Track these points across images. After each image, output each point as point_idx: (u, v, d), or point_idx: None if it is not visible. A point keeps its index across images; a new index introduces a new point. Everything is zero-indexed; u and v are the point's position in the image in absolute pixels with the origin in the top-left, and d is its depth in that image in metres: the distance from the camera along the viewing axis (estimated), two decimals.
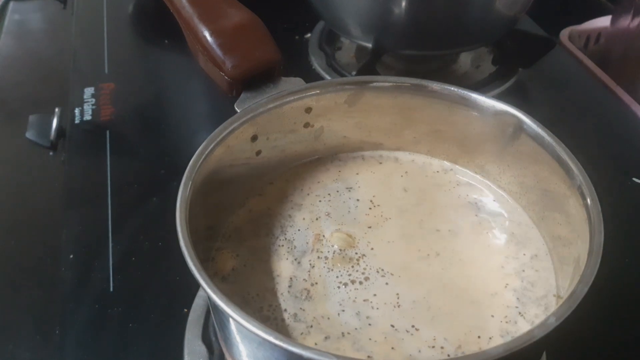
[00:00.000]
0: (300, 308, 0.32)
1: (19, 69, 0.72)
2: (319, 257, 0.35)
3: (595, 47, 0.69)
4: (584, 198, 0.30)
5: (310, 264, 0.34)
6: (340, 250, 0.35)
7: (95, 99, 0.62)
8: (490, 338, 0.31)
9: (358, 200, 0.38)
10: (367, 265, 0.34)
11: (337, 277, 0.33)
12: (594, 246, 0.28)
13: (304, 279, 0.33)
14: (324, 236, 0.36)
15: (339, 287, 0.33)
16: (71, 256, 0.46)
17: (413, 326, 0.31)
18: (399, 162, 0.41)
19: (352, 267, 0.34)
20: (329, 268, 0.34)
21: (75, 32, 0.73)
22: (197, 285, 0.29)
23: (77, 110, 0.60)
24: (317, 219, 0.37)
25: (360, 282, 0.33)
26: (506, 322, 0.31)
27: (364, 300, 0.32)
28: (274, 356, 0.27)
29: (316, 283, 0.33)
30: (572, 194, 0.31)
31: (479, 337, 0.31)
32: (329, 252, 0.35)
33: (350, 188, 0.39)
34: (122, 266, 0.45)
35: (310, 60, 0.67)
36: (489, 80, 0.63)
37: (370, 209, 0.38)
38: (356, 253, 0.35)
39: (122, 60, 0.69)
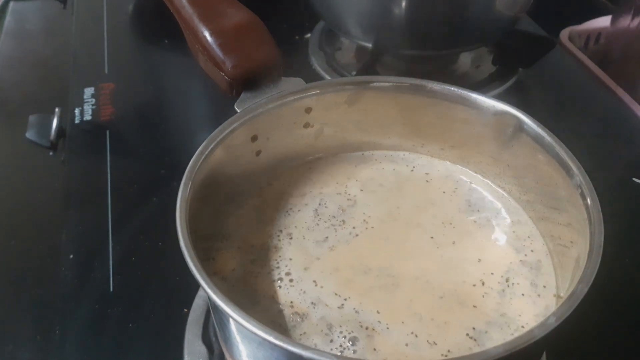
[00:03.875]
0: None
1: (19, 69, 0.72)
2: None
3: (595, 47, 0.69)
4: (584, 198, 0.30)
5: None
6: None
7: (95, 99, 0.62)
8: (488, 338, 0.31)
9: (357, 199, 0.38)
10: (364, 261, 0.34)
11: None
12: (594, 246, 0.28)
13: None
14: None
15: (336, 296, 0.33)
16: (71, 256, 0.46)
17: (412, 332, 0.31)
18: (399, 162, 0.41)
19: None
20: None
21: (75, 32, 0.73)
22: (197, 285, 0.29)
23: (77, 110, 0.60)
24: (317, 218, 0.37)
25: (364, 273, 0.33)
26: (505, 322, 0.31)
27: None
28: (274, 356, 0.27)
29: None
30: (572, 194, 0.31)
31: (477, 338, 0.31)
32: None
33: (350, 188, 0.39)
34: (122, 266, 0.45)
35: (310, 60, 0.67)
36: (489, 80, 0.63)
37: (369, 208, 0.37)
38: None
39: (122, 60, 0.69)
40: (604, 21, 0.69)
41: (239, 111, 0.35)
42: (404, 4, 0.54)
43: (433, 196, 0.38)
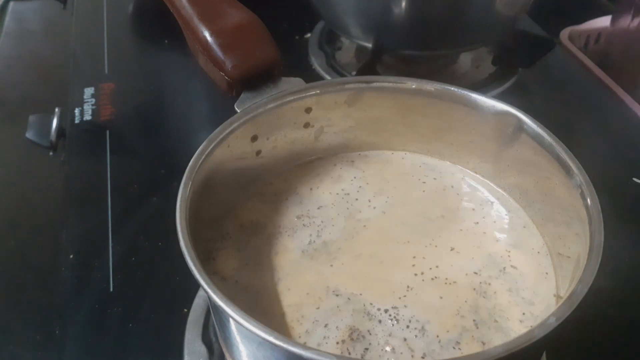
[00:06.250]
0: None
1: (19, 69, 0.72)
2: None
3: (595, 47, 0.69)
4: (584, 198, 0.30)
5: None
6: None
7: (95, 99, 0.62)
8: (490, 338, 0.31)
9: (357, 199, 0.38)
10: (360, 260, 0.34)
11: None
12: (594, 246, 0.28)
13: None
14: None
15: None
16: (71, 256, 0.46)
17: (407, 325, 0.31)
18: (398, 162, 0.41)
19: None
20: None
21: (75, 32, 0.73)
22: (197, 285, 0.29)
23: (77, 110, 0.60)
24: (316, 217, 0.37)
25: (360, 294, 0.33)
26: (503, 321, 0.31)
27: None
28: (274, 356, 0.27)
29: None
30: (572, 194, 0.31)
31: (479, 338, 0.31)
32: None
33: (350, 188, 0.39)
34: (122, 266, 0.45)
35: (310, 60, 0.67)
36: (489, 80, 0.63)
37: (369, 208, 0.38)
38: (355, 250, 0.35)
39: (122, 60, 0.69)
40: (604, 21, 0.69)
41: (239, 111, 0.35)
42: (404, 4, 0.54)
43: (433, 196, 0.38)
